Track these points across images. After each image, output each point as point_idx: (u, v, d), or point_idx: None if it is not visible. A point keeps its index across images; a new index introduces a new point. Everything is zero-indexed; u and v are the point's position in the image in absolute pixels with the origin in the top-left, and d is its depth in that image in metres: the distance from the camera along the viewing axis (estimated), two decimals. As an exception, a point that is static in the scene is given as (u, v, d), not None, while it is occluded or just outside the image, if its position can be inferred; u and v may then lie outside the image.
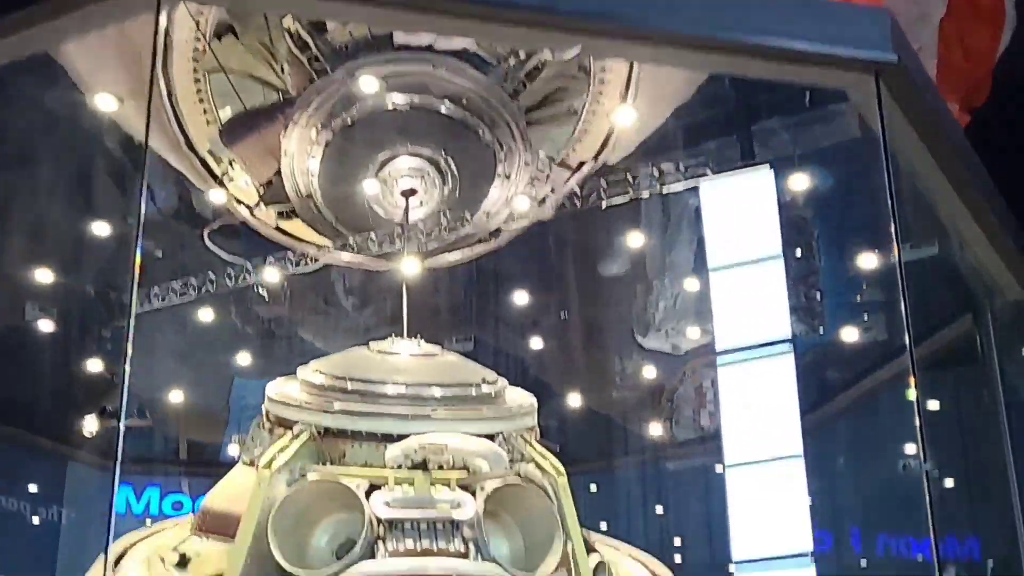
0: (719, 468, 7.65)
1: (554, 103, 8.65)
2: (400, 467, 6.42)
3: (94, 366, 11.71)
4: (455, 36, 7.84)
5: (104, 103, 7.84)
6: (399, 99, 8.08)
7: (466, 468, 6.47)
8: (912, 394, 6.20)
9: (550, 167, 8.63)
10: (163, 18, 7.19)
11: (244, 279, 10.13)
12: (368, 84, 7.99)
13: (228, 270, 10.22)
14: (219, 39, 8.24)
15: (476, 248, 9.22)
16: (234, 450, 7.41)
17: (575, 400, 12.94)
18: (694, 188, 8.56)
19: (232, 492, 6.87)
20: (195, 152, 8.56)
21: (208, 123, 8.54)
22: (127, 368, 5.60)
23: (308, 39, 8.10)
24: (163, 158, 8.46)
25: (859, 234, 10.92)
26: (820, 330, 11.52)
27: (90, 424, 11.22)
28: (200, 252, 10.36)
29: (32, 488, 13.61)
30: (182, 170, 8.69)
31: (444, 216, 8.60)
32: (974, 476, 11.03)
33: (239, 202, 9.02)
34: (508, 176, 8.52)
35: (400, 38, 7.98)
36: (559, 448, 7.17)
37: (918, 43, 9.33)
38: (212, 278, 10.26)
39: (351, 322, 12.96)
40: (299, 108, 8.19)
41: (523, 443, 6.91)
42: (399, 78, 8.06)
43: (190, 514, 7.38)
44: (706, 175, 8.50)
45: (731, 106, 11.31)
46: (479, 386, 7.09)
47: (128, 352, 5.55)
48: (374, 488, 6.31)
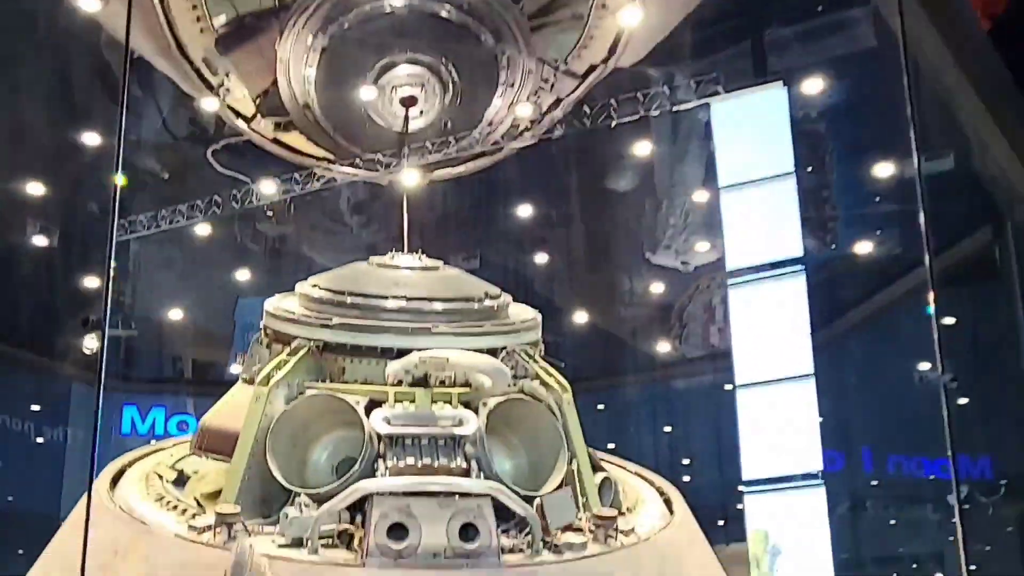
0: (728, 386, 7.59)
1: (559, 7, 8.39)
2: (401, 383, 6.31)
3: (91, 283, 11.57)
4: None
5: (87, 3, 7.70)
6: (397, 1, 7.85)
7: (468, 384, 6.36)
8: (931, 308, 6.03)
9: (555, 74, 8.36)
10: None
11: (249, 201, 9.95)
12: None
13: (233, 191, 10.04)
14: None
15: (479, 161, 9.03)
16: (237, 369, 7.34)
17: (582, 317, 12.82)
18: (705, 104, 8.34)
19: (231, 410, 6.76)
20: (188, 59, 8.34)
21: (202, 31, 8.32)
22: (110, 277, 5.46)
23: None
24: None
25: (874, 146, 10.64)
26: (832, 245, 11.34)
27: (89, 342, 11.12)
28: (207, 173, 10.20)
29: (35, 407, 13.61)
30: (173, 77, 8.48)
31: (445, 126, 8.37)
32: (988, 394, 10.89)
33: (237, 115, 8.84)
34: (512, 84, 8.30)
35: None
36: (564, 365, 7.08)
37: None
38: (218, 200, 10.08)
39: (356, 239, 12.81)
40: (294, 13, 7.96)
41: (527, 358, 6.79)
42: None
43: (192, 434, 7.30)
44: (718, 93, 8.23)
45: (744, 16, 10.97)
46: (481, 300, 6.98)
47: (111, 265, 5.42)
48: (374, 405, 6.21)
